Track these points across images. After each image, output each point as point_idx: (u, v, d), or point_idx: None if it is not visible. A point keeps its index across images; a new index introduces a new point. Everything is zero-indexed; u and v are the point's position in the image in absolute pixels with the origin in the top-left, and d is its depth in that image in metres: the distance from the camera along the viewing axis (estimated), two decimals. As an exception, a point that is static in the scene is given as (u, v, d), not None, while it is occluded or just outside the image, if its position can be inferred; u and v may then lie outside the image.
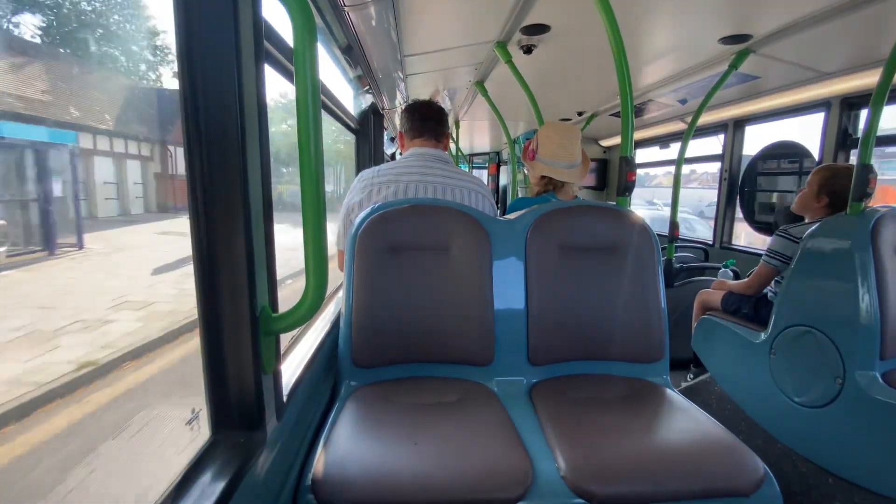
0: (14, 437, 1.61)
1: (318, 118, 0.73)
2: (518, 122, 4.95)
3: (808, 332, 1.67)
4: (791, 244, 1.90)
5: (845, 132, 2.51)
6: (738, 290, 2.16)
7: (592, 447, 0.98)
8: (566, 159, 1.73)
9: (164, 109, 3.52)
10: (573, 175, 1.75)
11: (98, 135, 2.68)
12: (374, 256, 1.32)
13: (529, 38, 2.16)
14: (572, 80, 3.12)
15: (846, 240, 1.58)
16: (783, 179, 3.19)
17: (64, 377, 1.94)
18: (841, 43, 2.00)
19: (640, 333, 1.38)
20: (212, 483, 0.63)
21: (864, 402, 1.46)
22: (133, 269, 3.29)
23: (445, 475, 0.87)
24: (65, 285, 2.34)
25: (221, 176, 0.71)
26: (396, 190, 1.54)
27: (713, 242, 3.57)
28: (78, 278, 2.49)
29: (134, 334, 2.56)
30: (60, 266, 2.22)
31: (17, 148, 1.87)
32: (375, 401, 1.17)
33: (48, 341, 2.20)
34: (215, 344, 0.74)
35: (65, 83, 2.34)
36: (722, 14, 1.87)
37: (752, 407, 1.94)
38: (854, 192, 1.59)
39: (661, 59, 2.50)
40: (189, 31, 0.68)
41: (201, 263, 0.72)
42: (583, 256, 1.40)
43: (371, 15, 1.56)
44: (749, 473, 0.92)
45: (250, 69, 0.72)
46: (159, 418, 2.09)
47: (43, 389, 1.79)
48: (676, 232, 3.03)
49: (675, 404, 1.19)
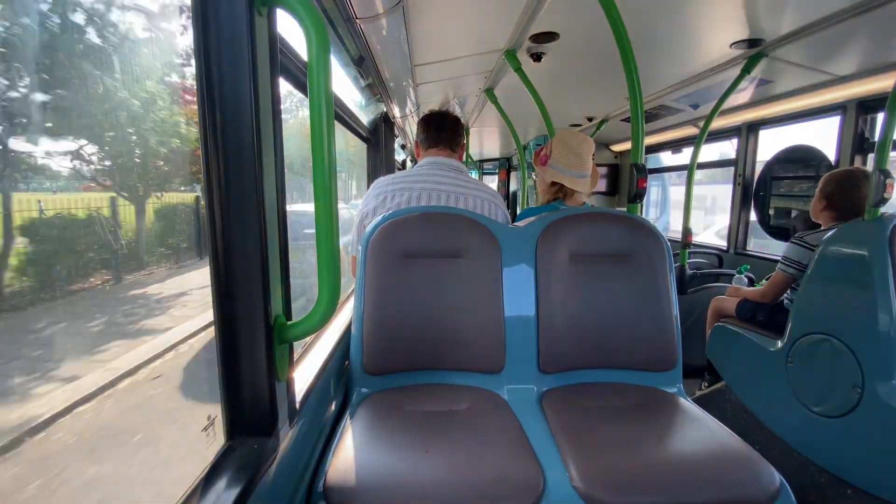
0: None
1: (332, 129, 0.74)
2: (528, 128, 4.95)
3: (825, 340, 1.63)
4: (806, 252, 1.88)
5: (862, 136, 2.47)
6: (754, 298, 2.13)
7: (604, 457, 0.97)
8: (578, 168, 1.73)
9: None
10: (584, 185, 1.74)
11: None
12: (385, 264, 1.33)
13: (538, 45, 2.17)
14: (582, 87, 3.12)
15: (863, 246, 1.55)
16: (798, 184, 3.15)
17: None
18: (856, 45, 1.98)
19: (653, 341, 1.37)
20: (226, 489, 0.65)
21: (884, 412, 1.42)
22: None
23: (456, 484, 0.87)
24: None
25: (237, 187, 0.73)
26: (410, 197, 1.56)
27: (727, 248, 3.52)
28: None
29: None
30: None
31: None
32: (386, 408, 1.17)
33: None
34: (231, 351, 0.75)
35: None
36: (733, 18, 1.86)
37: (769, 416, 1.90)
38: (871, 197, 1.56)
39: (671, 64, 2.48)
40: (207, 46, 0.70)
41: (217, 272, 0.74)
42: (593, 263, 1.40)
43: (382, 26, 1.58)
44: (765, 484, 0.90)
45: (266, 83, 0.74)
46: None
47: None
48: (689, 238, 3.00)
49: (688, 413, 1.17)
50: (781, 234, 3.10)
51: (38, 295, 0.72)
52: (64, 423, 0.79)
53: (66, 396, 0.82)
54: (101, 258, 0.89)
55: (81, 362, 0.90)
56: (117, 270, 0.95)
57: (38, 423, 0.74)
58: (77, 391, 0.86)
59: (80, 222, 0.83)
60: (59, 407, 0.79)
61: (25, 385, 0.74)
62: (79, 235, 0.84)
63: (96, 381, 0.93)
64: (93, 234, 0.86)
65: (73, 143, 0.75)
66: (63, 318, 0.79)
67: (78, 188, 0.83)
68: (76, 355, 0.88)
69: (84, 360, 0.91)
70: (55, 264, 0.77)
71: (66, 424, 0.79)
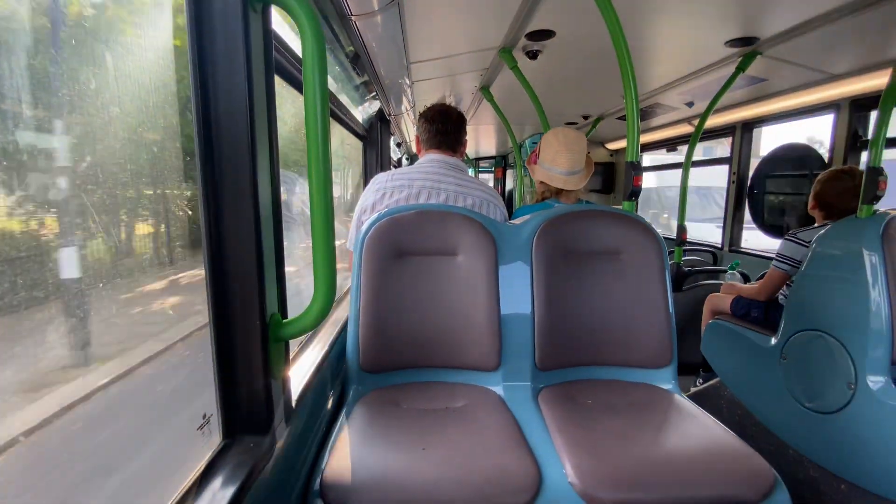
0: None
1: (327, 126, 0.74)
2: (524, 126, 4.95)
3: (818, 336, 1.65)
4: (800, 248, 1.89)
5: (855, 134, 2.48)
6: (749, 295, 2.15)
7: (600, 453, 0.97)
8: (564, 165, 1.72)
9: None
10: (569, 182, 1.74)
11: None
12: (381, 262, 1.33)
13: (534, 43, 2.16)
14: (578, 85, 3.12)
15: (856, 243, 1.56)
16: (792, 182, 3.17)
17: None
18: (850, 44, 1.99)
19: (648, 338, 1.38)
20: (223, 487, 0.64)
21: (877, 408, 1.43)
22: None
23: (453, 481, 0.87)
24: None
25: (232, 184, 0.72)
26: (409, 195, 1.55)
27: (721, 245, 3.54)
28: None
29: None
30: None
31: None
32: (383, 406, 1.17)
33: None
34: (226, 349, 0.75)
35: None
36: (728, 16, 1.87)
37: (763, 412, 1.92)
38: (864, 194, 1.57)
39: (666, 62, 2.49)
40: (201, 43, 0.69)
41: (212, 270, 0.73)
42: (589, 261, 1.40)
43: (378, 23, 1.58)
44: (759, 479, 0.91)
45: (260, 80, 0.74)
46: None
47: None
48: (684, 235, 3.01)
49: (683, 410, 1.18)
50: (775, 231, 3.12)
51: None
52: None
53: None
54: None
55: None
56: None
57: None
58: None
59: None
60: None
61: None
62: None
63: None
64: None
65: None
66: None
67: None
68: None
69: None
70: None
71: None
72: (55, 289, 0.69)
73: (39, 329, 0.69)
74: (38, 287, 0.66)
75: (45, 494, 0.64)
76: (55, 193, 0.70)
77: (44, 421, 0.68)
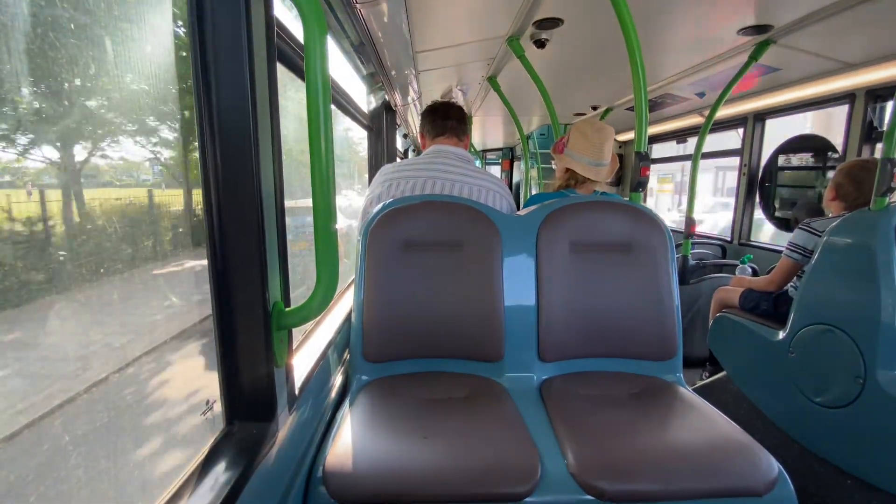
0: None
1: (329, 115, 0.73)
2: (531, 117, 4.90)
3: (827, 330, 1.62)
4: (813, 237, 1.86)
5: (870, 125, 2.43)
6: (760, 286, 2.12)
7: (602, 444, 0.97)
8: (593, 156, 1.71)
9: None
10: (598, 173, 1.73)
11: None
12: (386, 252, 1.33)
13: (542, 32, 2.13)
14: (586, 75, 3.08)
15: (869, 236, 1.53)
16: (805, 174, 3.11)
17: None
18: (866, 32, 1.94)
19: (653, 331, 1.37)
20: (225, 472, 0.65)
21: (886, 403, 1.42)
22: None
23: (455, 469, 0.88)
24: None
25: (235, 173, 0.72)
26: (415, 185, 1.55)
27: (731, 239, 3.50)
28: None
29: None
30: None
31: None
32: (386, 395, 1.18)
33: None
34: (229, 337, 0.76)
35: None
36: (741, 4, 1.82)
37: (769, 406, 1.90)
38: (878, 186, 1.54)
39: (677, 51, 2.44)
40: (202, 30, 0.69)
41: (215, 259, 0.74)
42: (594, 252, 1.39)
43: (383, 12, 1.56)
44: (763, 473, 0.90)
45: (262, 67, 0.73)
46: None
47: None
48: (693, 228, 2.98)
49: (687, 402, 1.18)
50: (785, 224, 3.07)
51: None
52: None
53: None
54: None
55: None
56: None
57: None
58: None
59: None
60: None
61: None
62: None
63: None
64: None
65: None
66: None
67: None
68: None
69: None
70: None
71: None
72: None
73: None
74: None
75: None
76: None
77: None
